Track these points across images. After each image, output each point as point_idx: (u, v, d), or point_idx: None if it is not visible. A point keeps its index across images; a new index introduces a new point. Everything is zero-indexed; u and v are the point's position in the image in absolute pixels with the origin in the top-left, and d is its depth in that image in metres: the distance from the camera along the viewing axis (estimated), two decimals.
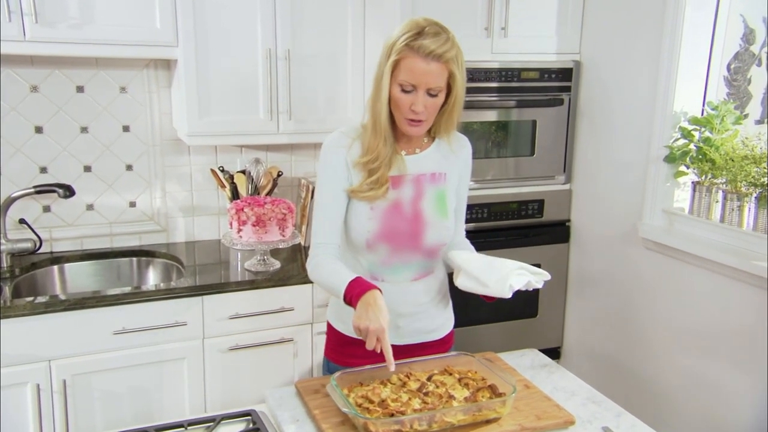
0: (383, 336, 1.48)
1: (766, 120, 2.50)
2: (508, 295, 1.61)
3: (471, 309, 2.60)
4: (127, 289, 2.32)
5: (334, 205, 1.71)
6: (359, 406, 1.45)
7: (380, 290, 1.56)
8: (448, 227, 1.77)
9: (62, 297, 2.22)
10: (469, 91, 2.70)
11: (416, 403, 1.47)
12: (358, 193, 1.70)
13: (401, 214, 1.72)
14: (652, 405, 2.66)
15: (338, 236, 1.74)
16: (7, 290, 2.36)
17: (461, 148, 1.83)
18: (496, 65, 2.75)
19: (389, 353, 1.49)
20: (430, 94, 1.61)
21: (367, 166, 1.69)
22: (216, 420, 1.50)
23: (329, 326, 1.90)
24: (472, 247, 1.89)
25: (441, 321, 1.87)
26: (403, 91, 1.61)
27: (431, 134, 1.78)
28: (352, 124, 1.77)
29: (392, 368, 1.50)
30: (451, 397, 1.50)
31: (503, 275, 1.62)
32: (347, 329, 1.78)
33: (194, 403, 2.44)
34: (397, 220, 1.72)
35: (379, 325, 1.48)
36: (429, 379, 1.58)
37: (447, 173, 1.78)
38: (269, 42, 2.53)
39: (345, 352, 1.82)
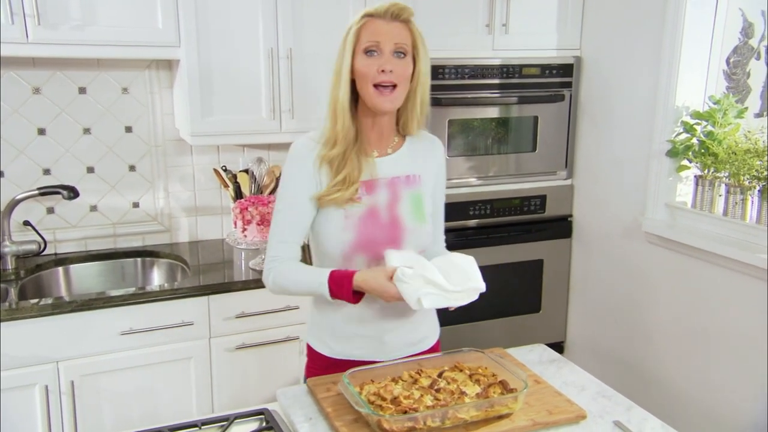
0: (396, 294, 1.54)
1: (765, 113, 2.51)
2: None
3: (473, 305, 2.61)
4: (134, 290, 2.33)
5: (294, 212, 1.63)
6: (372, 403, 1.46)
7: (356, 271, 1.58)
8: (427, 232, 1.71)
9: (69, 298, 2.23)
10: (471, 87, 2.75)
11: (428, 400, 1.48)
12: (326, 197, 1.60)
13: (377, 221, 1.64)
14: (655, 398, 2.68)
15: (298, 247, 1.66)
16: (12, 292, 2.36)
17: (434, 148, 1.76)
18: (497, 62, 2.76)
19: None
20: (398, 53, 1.56)
21: (333, 161, 1.60)
22: (230, 419, 1.50)
23: (310, 349, 1.80)
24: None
25: (425, 331, 1.81)
26: (368, 53, 1.56)
27: (400, 132, 1.71)
28: (319, 130, 1.68)
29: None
30: (462, 393, 1.50)
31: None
32: (331, 351, 1.74)
33: (202, 403, 2.45)
34: (373, 227, 1.63)
35: (394, 291, 1.52)
36: (440, 375, 1.58)
37: (422, 175, 1.71)
38: (271, 41, 2.53)
39: (330, 374, 1.70)
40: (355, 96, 1.63)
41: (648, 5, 2.55)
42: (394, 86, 1.57)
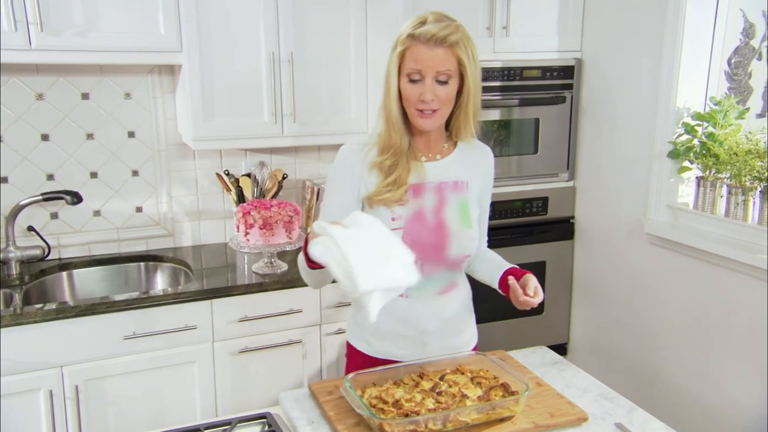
0: None
1: (767, 113, 2.51)
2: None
3: (476, 306, 2.61)
4: (137, 294, 2.34)
5: (335, 212, 1.64)
6: (374, 406, 1.46)
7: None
8: (472, 238, 1.72)
9: (73, 303, 2.24)
10: None
11: (430, 403, 1.48)
12: (375, 197, 1.63)
13: (424, 223, 1.65)
14: (658, 399, 2.68)
15: None
16: (17, 297, 2.37)
17: (485, 156, 1.79)
18: (498, 64, 2.77)
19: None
20: (440, 81, 1.55)
21: (384, 165, 1.64)
22: (232, 423, 1.51)
23: (350, 348, 1.82)
24: (499, 257, 1.84)
25: (466, 337, 1.83)
26: (411, 81, 1.56)
27: (452, 138, 1.73)
28: (368, 135, 1.72)
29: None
30: (464, 396, 1.51)
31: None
32: (372, 350, 1.76)
33: (205, 406, 2.45)
34: (420, 230, 1.65)
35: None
36: (442, 378, 1.59)
37: (469, 182, 1.73)
38: (272, 45, 2.54)
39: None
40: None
41: (648, 7, 2.55)
42: (436, 109, 1.59)
